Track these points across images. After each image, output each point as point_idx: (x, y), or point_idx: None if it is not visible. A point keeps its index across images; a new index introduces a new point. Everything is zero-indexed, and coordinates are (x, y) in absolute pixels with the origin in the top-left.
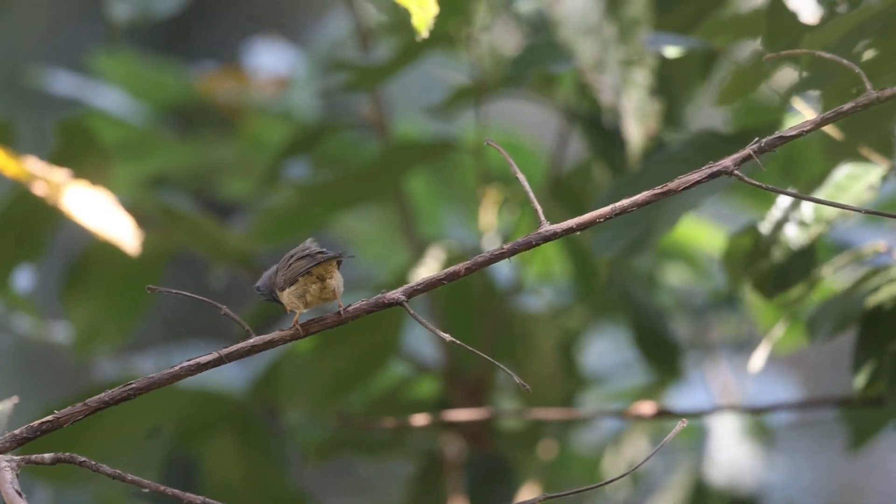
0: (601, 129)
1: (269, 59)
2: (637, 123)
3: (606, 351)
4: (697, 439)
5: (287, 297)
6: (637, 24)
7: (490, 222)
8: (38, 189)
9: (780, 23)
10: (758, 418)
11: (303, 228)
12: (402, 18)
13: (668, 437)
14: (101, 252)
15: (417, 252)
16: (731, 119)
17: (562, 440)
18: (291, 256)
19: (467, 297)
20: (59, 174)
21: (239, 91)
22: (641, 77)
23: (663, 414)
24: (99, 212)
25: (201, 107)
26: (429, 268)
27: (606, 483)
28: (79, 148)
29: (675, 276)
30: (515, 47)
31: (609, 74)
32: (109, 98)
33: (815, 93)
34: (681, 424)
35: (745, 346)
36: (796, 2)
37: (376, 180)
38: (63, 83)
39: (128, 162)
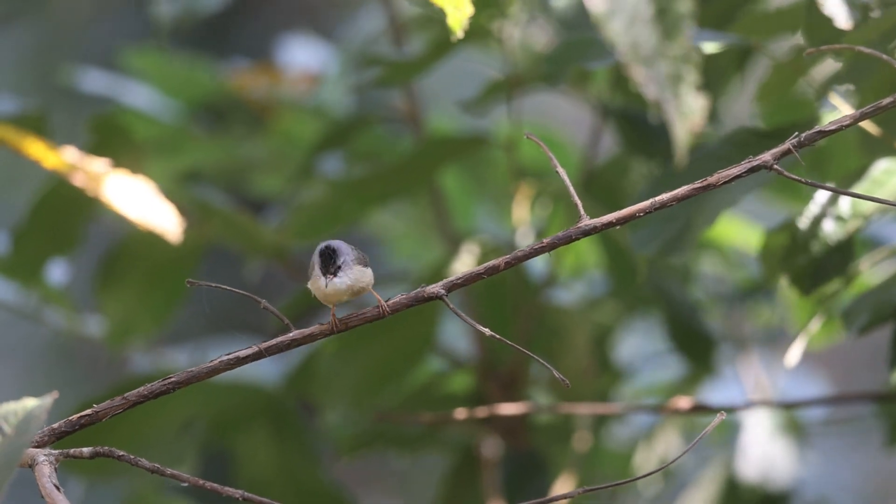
0: (635, 124)
1: (302, 55)
2: (683, 120)
3: (638, 345)
4: (729, 435)
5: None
6: (684, 19)
7: (523, 217)
8: (78, 180)
9: (819, 18)
10: (791, 414)
11: (337, 224)
12: (435, 13)
13: (706, 430)
14: (135, 245)
15: (452, 247)
16: (765, 115)
17: (596, 435)
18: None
19: (502, 291)
20: (99, 164)
21: (271, 87)
22: (689, 73)
23: (700, 409)
24: (140, 201)
25: (233, 103)
26: (464, 262)
27: (642, 477)
28: (112, 143)
29: (706, 268)
30: (548, 43)
31: (657, 69)
32: (141, 95)
33: (849, 87)
34: (719, 417)
35: (777, 341)
36: (830, 7)
37: (410, 175)
38: (95, 81)
39: (160, 159)
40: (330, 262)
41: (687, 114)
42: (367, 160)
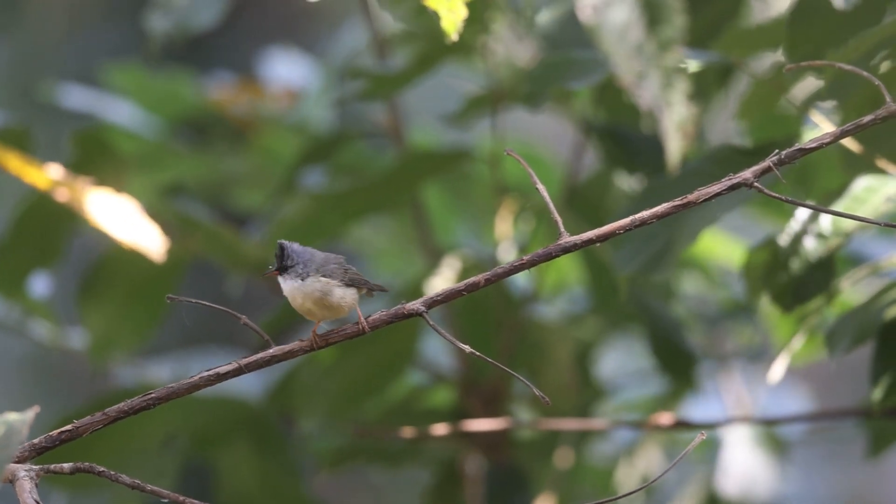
0: (617, 140)
1: (283, 70)
2: (676, 129)
3: (619, 361)
4: (710, 450)
5: (332, 289)
6: (676, 31)
7: (506, 232)
8: (61, 196)
9: (800, 33)
10: (771, 429)
11: (319, 237)
12: (419, 27)
13: (687, 448)
14: (118, 258)
15: (433, 261)
16: (747, 131)
17: (577, 451)
18: (345, 265)
19: (484, 306)
20: (82, 181)
21: (252, 103)
22: (681, 83)
23: (681, 425)
24: (123, 219)
25: (214, 119)
26: (445, 277)
27: (625, 496)
28: (96, 157)
29: (688, 286)
30: (531, 60)
31: (650, 80)
32: (122, 111)
33: (831, 104)
34: (700, 437)
35: (758, 357)
36: None
37: (393, 189)
38: (75, 97)
39: (141, 173)
40: (283, 258)
41: (679, 122)
42: (349, 174)
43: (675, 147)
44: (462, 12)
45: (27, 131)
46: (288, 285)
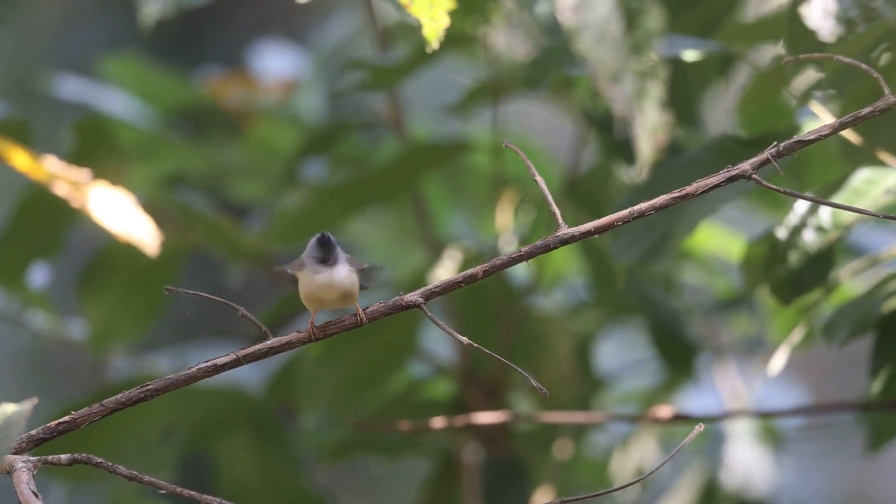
0: (615, 133)
1: (276, 62)
2: (648, 136)
3: (616, 353)
4: (706, 442)
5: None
6: (652, 35)
7: (506, 224)
8: (59, 189)
9: (800, 27)
10: (768, 422)
11: (319, 229)
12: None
13: (685, 441)
14: (118, 250)
15: (433, 253)
16: (746, 122)
17: (577, 442)
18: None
19: (483, 298)
20: (80, 174)
21: (246, 95)
22: (654, 89)
23: (679, 418)
24: (119, 213)
25: (208, 110)
26: (446, 269)
27: (621, 488)
28: (95, 147)
29: (685, 278)
30: (529, 50)
31: (623, 84)
32: (117, 102)
33: (830, 94)
34: (698, 429)
35: (754, 349)
36: (815, 20)
37: (393, 181)
38: (71, 87)
39: (137, 165)
40: (329, 252)
41: (650, 129)
42: (349, 166)
43: (645, 153)
44: (444, 21)
45: (27, 122)
46: (324, 275)
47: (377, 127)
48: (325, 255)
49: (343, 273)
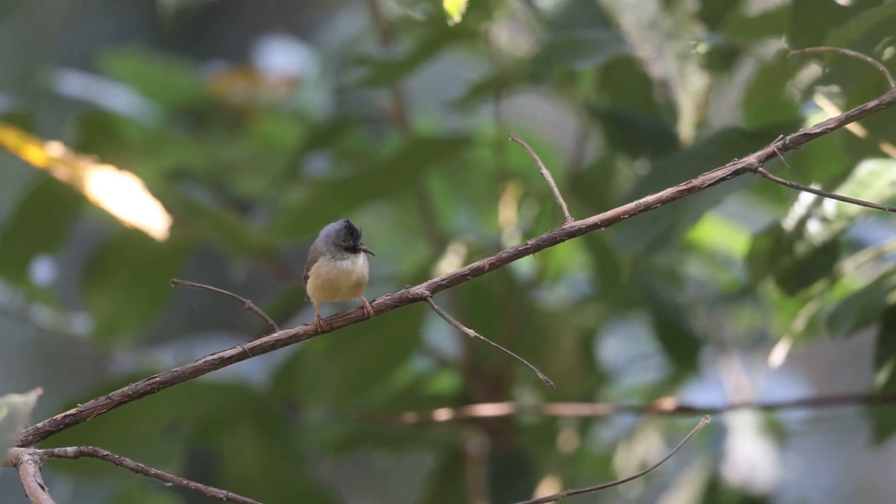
0: (620, 125)
1: (280, 59)
2: (688, 96)
3: (620, 346)
4: (710, 436)
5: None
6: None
7: (509, 218)
8: (63, 175)
9: (804, 20)
10: (772, 415)
11: (324, 223)
12: (423, 12)
13: (690, 433)
14: (121, 244)
15: (438, 247)
16: (751, 115)
17: (581, 436)
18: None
19: (488, 291)
20: (84, 160)
21: (250, 91)
22: (695, 56)
23: (683, 410)
24: (126, 198)
25: (212, 106)
26: (450, 263)
27: (626, 480)
28: (99, 141)
29: (689, 271)
30: (532, 45)
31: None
32: (121, 98)
33: (834, 88)
34: (704, 421)
35: (758, 343)
36: None
37: (397, 175)
38: (75, 83)
39: (141, 160)
40: (358, 238)
41: (692, 91)
42: (353, 161)
43: (688, 116)
44: None
45: (31, 115)
46: (349, 262)
47: (381, 122)
48: (355, 242)
49: (362, 260)
